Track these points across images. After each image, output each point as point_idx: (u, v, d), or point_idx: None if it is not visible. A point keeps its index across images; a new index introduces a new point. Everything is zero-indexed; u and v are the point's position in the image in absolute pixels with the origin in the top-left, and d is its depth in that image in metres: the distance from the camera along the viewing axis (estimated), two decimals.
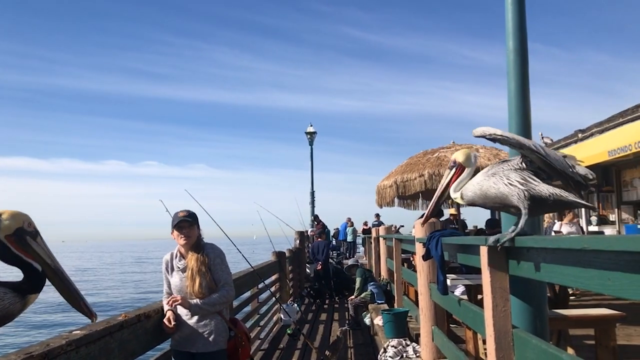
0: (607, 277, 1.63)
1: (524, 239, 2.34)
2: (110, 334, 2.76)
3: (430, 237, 4.00)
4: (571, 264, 1.87)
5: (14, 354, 2.08)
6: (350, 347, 7.52)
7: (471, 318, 3.47)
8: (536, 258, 2.26)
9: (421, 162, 8.08)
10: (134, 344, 3.07)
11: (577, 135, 13.41)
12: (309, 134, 23.74)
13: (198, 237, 3.64)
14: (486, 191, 2.71)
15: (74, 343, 2.38)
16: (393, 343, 5.36)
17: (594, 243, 1.61)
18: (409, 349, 5.23)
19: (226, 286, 3.62)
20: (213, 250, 3.67)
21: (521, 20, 3.86)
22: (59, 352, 2.25)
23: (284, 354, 7.30)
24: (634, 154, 9.19)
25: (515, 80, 3.81)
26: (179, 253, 3.67)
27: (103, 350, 2.66)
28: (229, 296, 3.65)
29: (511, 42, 3.84)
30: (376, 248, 11.41)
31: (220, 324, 3.61)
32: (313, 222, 21.16)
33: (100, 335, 2.64)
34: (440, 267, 3.85)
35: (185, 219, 3.59)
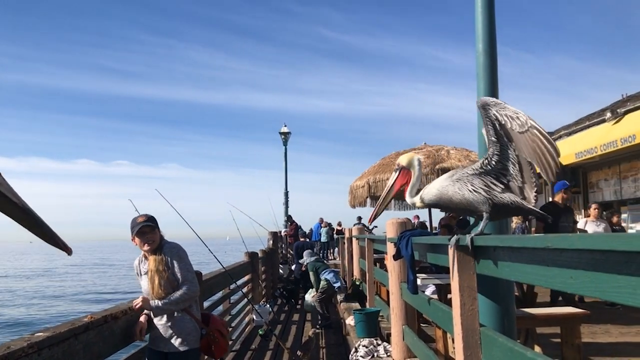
0: (569, 275, 1.66)
1: (490, 239, 2.38)
2: (75, 335, 2.70)
3: (401, 236, 4.03)
4: (535, 262, 1.89)
5: None
6: (323, 347, 7.54)
7: (440, 317, 3.50)
8: (502, 257, 2.30)
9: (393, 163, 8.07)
10: (100, 345, 3.01)
11: None
12: (283, 134, 23.71)
13: (159, 238, 3.59)
14: (451, 197, 2.76)
15: (36, 345, 2.32)
16: (364, 343, 5.37)
17: (557, 242, 1.64)
18: (380, 348, 5.25)
19: (187, 283, 3.56)
20: (171, 249, 3.61)
21: (490, 23, 3.91)
22: (20, 354, 2.19)
23: (255, 355, 7.27)
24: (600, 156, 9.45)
25: (485, 82, 3.86)
26: (144, 257, 3.64)
27: (67, 353, 2.60)
28: (190, 292, 3.57)
29: (481, 44, 3.89)
30: (349, 248, 11.44)
31: (189, 323, 3.59)
32: (287, 222, 21.11)
33: (64, 337, 2.58)
34: (411, 267, 3.88)
35: (147, 224, 3.54)
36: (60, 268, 52.11)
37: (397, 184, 3.04)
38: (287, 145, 23.83)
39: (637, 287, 1.30)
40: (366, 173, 8.72)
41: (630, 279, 1.32)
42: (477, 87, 3.90)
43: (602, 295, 1.49)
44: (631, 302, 1.33)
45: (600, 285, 1.49)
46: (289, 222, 20.54)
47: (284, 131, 23.75)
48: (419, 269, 5.49)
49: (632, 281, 1.32)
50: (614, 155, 10.11)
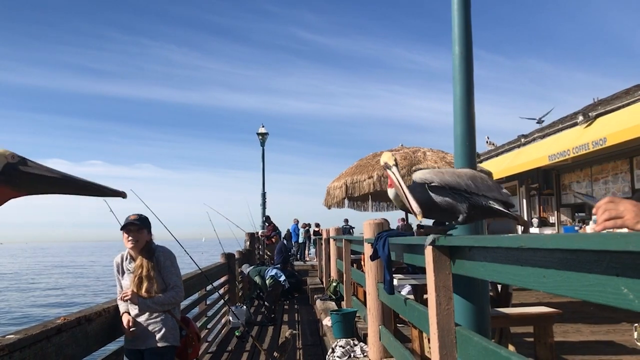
0: (542, 275, 1.69)
1: (465, 239, 2.42)
2: (47, 338, 2.66)
3: (378, 237, 4.06)
4: (510, 262, 1.93)
5: None
6: (299, 348, 7.53)
7: (416, 317, 3.53)
8: (477, 257, 2.33)
9: (370, 164, 8.17)
10: (73, 348, 2.95)
11: (520, 140, 13.93)
12: (260, 134, 23.64)
13: (148, 242, 3.62)
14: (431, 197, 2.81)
15: (6, 348, 2.27)
16: (341, 343, 5.39)
17: (530, 242, 1.67)
18: (357, 348, 5.27)
19: (176, 288, 3.67)
20: (163, 253, 3.70)
21: (467, 26, 3.96)
22: None
23: (232, 356, 7.22)
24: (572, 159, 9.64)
25: (461, 84, 3.90)
26: (129, 255, 3.65)
27: (39, 355, 2.55)
28: (177, 297, 3.69)
29: (457, 47, 3.93)
30: (326, 249, 11.46)
31: (170, 321, 3.64)
32: (264, 223, 21.03)
33: (35, 339, 2.53)
34: (387, 267, 3.91)
35: (133, 222, 3.59)
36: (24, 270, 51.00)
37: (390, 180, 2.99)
38: (264, 146, 23.78)
39: (607, 286, 1.33)
40: (343, 174, 8.74)
41: (600, 278, 1.35)
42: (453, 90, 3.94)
43: (573, 294, 1.52)
44: (601, 300, 1.36)
45: (572, 284, 1.52)
46: (267, 222, 20.46)
47: (262, 132, 23.69)
48: (395, 269, 5.53)
49: (601, 280, 1.35)
50: (585, 157, 10.34)
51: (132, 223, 3.58)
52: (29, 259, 76.93)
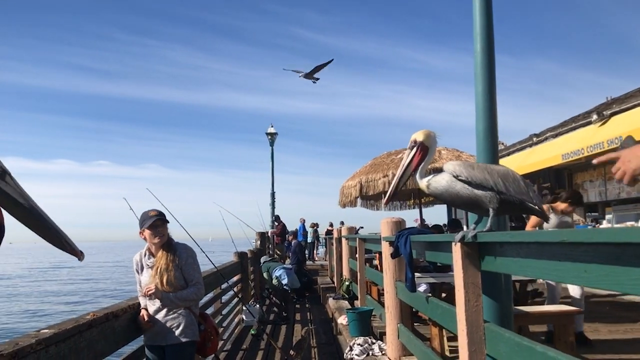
0: (583, 269, 1.69)
1: (498, 234, 2.41)
2: (80, 332, 2.69)
3: (399, 235, 4.06)
4: (546, 257, 1.93)
5: None
6: (314, 346, 7.53)
7: (440, 314, 3.54)
8: (509, 253, 2.33)
9: (385, 163, 8.18)
10: (102, 343, 2.99)
11: (531, 139, 13.88)
12: (269, 134, 23.61)
13: (169, 236, 3.66)
14: (458, 191, 2.81)
15: (43, 342, 2.30)
16: (359, 341, 5.40)
17: (573, 236, 1.67)
18: (375, 346, 5.28)
19: (197, 284, 3.71)
20: (185, 250, 3.74)
21: (488, 22, 3.95)
22: (29, 351, 2.18)
23: (247, 354, 7.25)
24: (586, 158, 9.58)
25: (483, 81, 3.90)
26: (148, 251, 3.68)
27: (73, 350, 2.59)
28: (199, 293, 3.75)
29: (478, 44, 3.93)
30: (338, 248, 11.46)
31: (189, 317, 3.67)
32: (274, 222, 21.07)
33: (69, 334, 2.57)
34: (409, 265, 3.91)
35: (159, 218, 3.61)
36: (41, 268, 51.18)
37: (415, 161, 3.00)
38: (273, 146, 23.77)
39: None
40: (358, 173, 8.75)
41: None
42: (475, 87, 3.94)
43: (619, 288, 1.53)
44: None
45: (617, 278, 1.52)
46: (277, 222, 20.49)
47: (271, 132, 23.66)
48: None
49: None
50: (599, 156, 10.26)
51: (159, 218, 3.63)
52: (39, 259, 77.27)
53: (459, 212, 15.91)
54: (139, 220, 3.70)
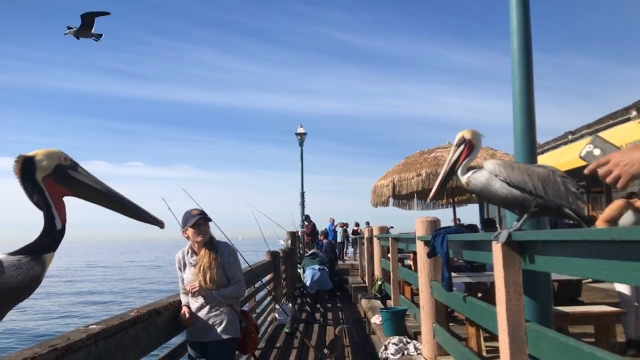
0: (634, 268, 1.66)
1: (542, 233, 2.39)
2: (125, 329, 2.76)
3: (436, 234, 4.05)
4: (594, 256, 1.90)
5: (38, 347, 2.08)
6: (347, 345, 7.54)
7: (478, 314, 3.51)
8: (552, 251, 2.30)
9: (418, 162, 8.14)
10: (146, 340, 3.06)
11: (566, 136, 13.59)
12: (299, 134, 23.71)
13: (210, 235, 3.74)
14: (497, 190, 2.81)
15: (93, 337, 2.38)
16: (394, 340, 5.39)
17: (625, 234, 1.65)
18: (410, 346, 5.26)
19: (239, 282, 3.78)
20: (227, 248, 3.83)
21: (525, 19, 3.90)
22: (80, 345, 2.25)
23: (281, 353, 7.30)
24: None
25: (520, 79, 3.85)
26: (191, 249, 3.75)
27: (119, 346, 2.66)
28: (241, 291, 3.81)
29: (515, 41, 3.88)
30: (369, 248, 11.44)
31: (231, 314, 3.73)
32: (304, 222, 21.16)
33: (116, 330, 2.64)
34: (446, 264, 3.89)
35: (202, 216, 3.70)
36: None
37: (462, 158, 3.06)
38: (303, 146, 23.85)
39: None
40: (390, 172, 8.72)
41: None
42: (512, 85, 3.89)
43: None
44: None
45: None
46: (307, 221, 20.56)
47: (300, 132, 23.75)
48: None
49: None
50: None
51: (203, 217, 3.70)
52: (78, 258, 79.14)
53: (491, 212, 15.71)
54: (181, 220, 3.78)
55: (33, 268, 1.72)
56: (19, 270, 1.68)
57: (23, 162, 1.84)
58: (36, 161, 1.85)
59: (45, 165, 1.86)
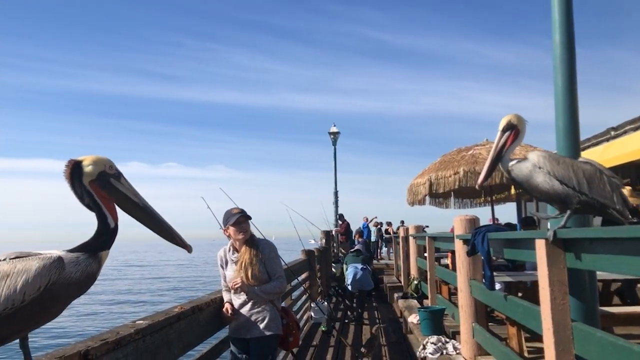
0: None
1: (590, 230, 2.34)
2: (170, 324, 2.83)
3: (476, 232, 4.00)
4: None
5: (91, 340, 2.15)
6: (384, 345, 7.52)
7: (521, 313, 3.45)
8: (600, 249, 2.25)
9: (455, 160, 8.05)
10: (189, 335, 3.13)
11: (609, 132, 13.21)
12: (332, 134, 23.71)
13: (251, 233, 3.80)
14: (538, 184, 2.78)
15: (140, 332, 2.45)
16: (432, 340, 5.34)
17: None
18: (449, 345, 5.21)
19: (280, 278, 3.83)
20: (267, 245, 3.87)
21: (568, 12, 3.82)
22: (129, 339, 2.32)
23: (318, 351, 7.33)
24: None
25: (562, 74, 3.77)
26: (232, 247, 3.82)
27: (164, 341, 2.73)
28: (282, 287, 3.86)
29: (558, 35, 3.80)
30: (404, 247, 11.37)
31: (272, 311, 3.77)
32: (337, 221, 21.17)
33: (162, 325, 2.71)
34: (487, 263, 3.84)
35: (243, 215, 3.77)
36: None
37: (508, 143, 3.03)
38: (336, 145, 23.86)
39: None
40: (427, 170, 8.65)
41: None
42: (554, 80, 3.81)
43: None
44: None
45: None
46: (340, 220, 20.56)
47: (333, 131, 23.75)
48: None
49: None
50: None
51: (243, 215, 3.77)
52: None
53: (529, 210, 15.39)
54: (222, 219, 3.85)
55: (90, 265, 1.79)
56: (77, 266, 1.75)
57: (72, 167, 1.92)
58: (83, 166, 1.93)
59: (90, 171, 1.94)
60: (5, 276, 1.64)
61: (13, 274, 1.64)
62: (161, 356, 2.66)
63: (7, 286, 1.62)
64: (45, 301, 1.67)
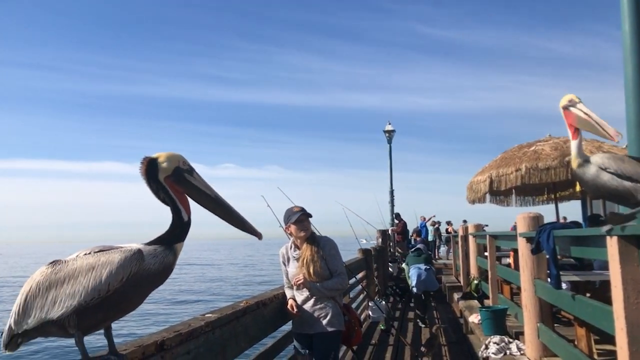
0: None
1: None
2: (237, 318, 2.93)
3: (541, 230, 3.90)
4: None
5: (165, 331, 2.27)
6: (444, 344, 7.43)
7: (589, 313, 3.34)
8: None
9: (517, 156, 7.84)
10: (254, 329, 3.23)
11: None
12: (387, 132, 23.57)
13: (311, 230, 3.86)
14: (605, 182, 2.73)
15: (210, 325, 2.55)
16: (495, 340, 5.24)
17: None
18: (512, 346, 5.10)
19: (341, 275, 3.86)
20: (328, 242, 3.93)
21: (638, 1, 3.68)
22: (200, 332, 2.42)
23: (377, 349, 7.33)
24: None
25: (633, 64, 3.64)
26: (293, 245, 3.89)
27: (232, 334, 2.83)
28: (344, 283, 3.90)
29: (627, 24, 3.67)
30: (464, 247, 11.18)
31: (335, 308, 3.82)
32: (394, 220, 21.04)
33: (229, 319, 2.81)
34: (553, 261, 3.74)
35: (303, 213, 3.84)
36: None
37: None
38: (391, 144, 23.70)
39: None
40: (487, 167, 8.47)
41: None
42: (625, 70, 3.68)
43: None
44: None
45: None
46: (397, 219, 20.42)
47: (388, 129, 23.62)
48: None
49: None
50: None
51: (304, 214, 3.84)
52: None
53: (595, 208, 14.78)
54: (283, 217, 3.93)
55: (167, 256, 1.89)
56: (155, 258, 1.85)
57: (148, 164, 2.02)
58: (158, 163, 2.02)
59: (166, 167, 2.03)
60: (91, 268, 1.76)
61: (98, 266, 1.76)
62: (229, 348, 2.76)
63: (93, 277, 1.74)
64: (128, 291, 1.78)
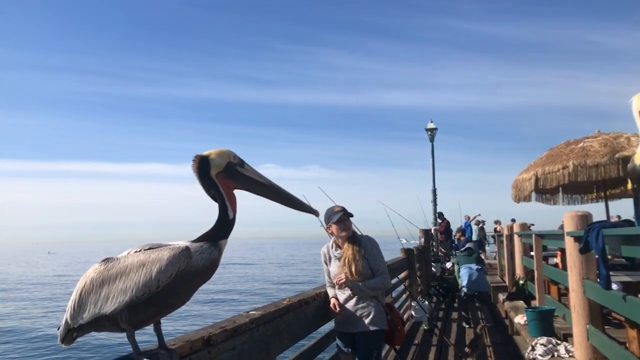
0: None
1: None
2: (280, 316, 2.97)
3: (590, 228, 3.79)
4: None
5: (211, 327, 2.33)
6: (489, 345, 7.31)
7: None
8: None
9: (564, 153, 7.62)
10: (297, 327, 3.26)
11: None
12: (429, 130, 23.30)
13: (353, 230, 3.87)
14: None
15: (254, 322, 2.60)
16: (542, 341, 5.12)
17: None
18: (560, 348, 4.97)
19: (384, 274, 3.86)
20: (370, 241, 3.93)
21: None
22: (244, 328, 2.48)
23: (420, 349, 7.27)
24: None
25: None
26: (334, 244, 3.91)
27: (275, 331, 2.87)
28: (386, 282, 3.90)
29: None
30: (509, 246, 10.94)
31: (377, 307, 3.83)
32: (436, 219, 20.78)
33: (273, 316, 2.86)
34: (603, 260, 3.63)
35: (345, 212, 3.86)
36: None
37: None
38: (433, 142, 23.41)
39: None
40: (533, 165, 8.27)
41: None
42: None
43: None
44: None
45: None
46: (440, 219, 20.16)
47: (430, 127, 23.34)
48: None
49: None
50: None
51: (346, 214, 3.85)
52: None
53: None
54: (324, 217, 3.95)
55: (213, 253, 1.94)
56: (202, 254, 1.91)
57: (199, 161, 2.08)
58: (210, 160, 2.08)
59: (218, 163, 2.09)
60: (141, 265, 1.83)
61: (148, 263, 1.83)
62: (273, 345, 2.80)
63: (144, 274, 1.81)
64: (177, 287, 1.84)
